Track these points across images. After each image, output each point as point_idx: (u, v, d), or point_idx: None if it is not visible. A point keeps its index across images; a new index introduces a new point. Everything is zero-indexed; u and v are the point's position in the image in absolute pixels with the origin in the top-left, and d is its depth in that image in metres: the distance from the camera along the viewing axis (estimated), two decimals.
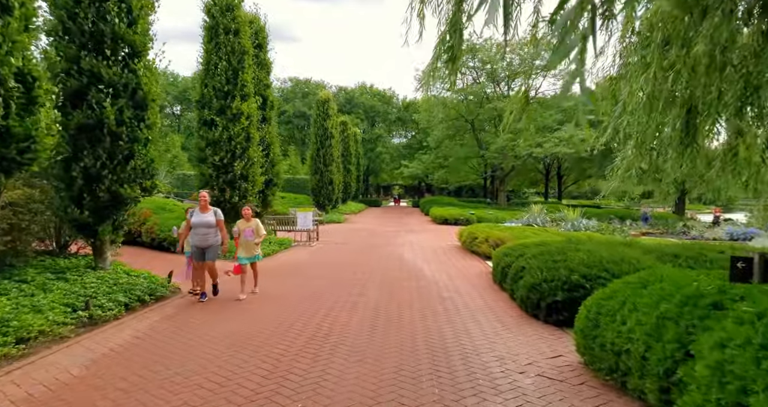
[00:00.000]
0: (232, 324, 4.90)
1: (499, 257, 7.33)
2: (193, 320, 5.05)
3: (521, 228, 11.72)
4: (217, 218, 5.88)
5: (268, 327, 4.81)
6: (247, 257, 6.27)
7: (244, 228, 6.29)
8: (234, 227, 6.32)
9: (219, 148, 9.92)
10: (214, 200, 9.97)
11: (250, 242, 6.25)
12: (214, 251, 5.88)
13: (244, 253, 6.26)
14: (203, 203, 5.82)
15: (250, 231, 6.26)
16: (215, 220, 5.84)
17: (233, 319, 5.13)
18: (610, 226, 16.15)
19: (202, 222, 5.75)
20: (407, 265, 9.33)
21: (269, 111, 12.38)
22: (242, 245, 6.27)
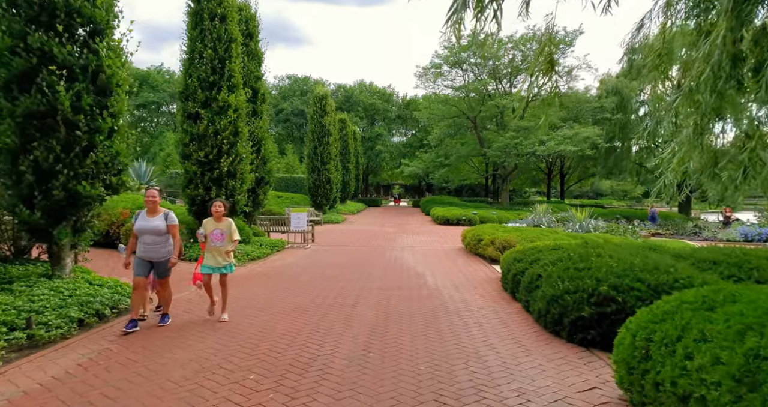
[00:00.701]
0: (198, 347, 4.16)
1: (509, 263, 6.61)
2: (155, 341, 4.32)
3: (529, 229, 10.99)
4: (169, 222, 4.66)
5: (241, 349, 4.08)
6: (212, 267, 4.95)
7: (212, 230, 4.97)
8: (199, 229, 5.00)
9: (204, 143, 9.19)
10: (199, 199, 9.26)
11: (220, 248, 4.96)
12: (165, 266, 4.71)
13: (211, 261, 4.96)
14: (151, 205, 4.61)
15: (220, 234, 4.97)
16: (165, 225, 4.63)
17: (202, 340, 4.40)
18: (620, 226, 15.40)
19: (148, 228, 4.56)
20: (408, 271, 8.60)
21: (260, 104, 11.65)
22: (209, 251, 4.98)
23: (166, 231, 4.66)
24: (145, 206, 4.67)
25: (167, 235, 4.68)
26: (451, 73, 34.06)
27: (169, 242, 4.71)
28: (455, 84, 34.27)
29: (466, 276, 8.03)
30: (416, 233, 16.86)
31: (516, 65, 33.28)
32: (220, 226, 5.03)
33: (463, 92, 33.68)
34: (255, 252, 9.80)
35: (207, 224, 5.06)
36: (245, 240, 10.67)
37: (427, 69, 33.33)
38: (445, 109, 34.05)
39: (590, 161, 37.09)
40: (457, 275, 8.16)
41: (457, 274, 8.24)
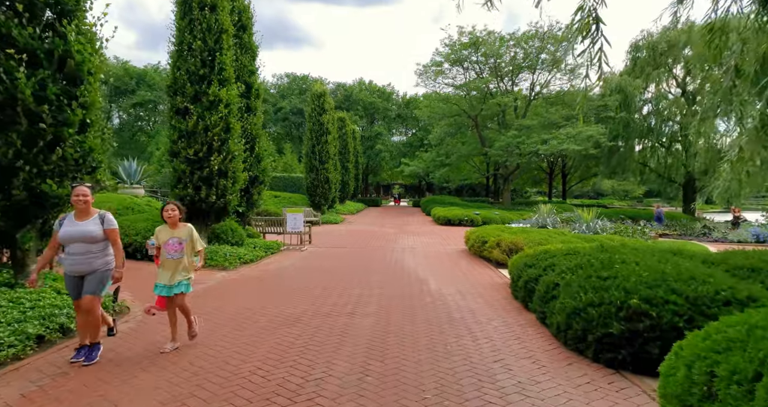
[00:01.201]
0: (170, 371, 3.65)
1: (520, 268, 6.09)
2: (119, 365, 3.80)
3: (535, 231, 10.47)
4: (107, 226, 3.72)
5: (220, 372, 3.56)
6: (166, 286, 3.97)
7: (166, 240, 4.01)
8: (149, 240, 4.09)
9: (193, 140, 8.67)
10: (188, 200, 8.75)
11: (178, 261, 3.98)
12: (98, 280, 3.68)
13: (164, 278, 3.98)
14: (82, 205, 3.64)
15: (177, 244, 3.99)
16: (101, 230, 3.69)
17: (175, 361, 3.88)
18: (628, 227, 14.88)
19: (77, 234, 3.60)
20: (409, 275, 8.08)
21: (254, 100, 11.13)
22: (164, 265, 4.01)
23: (103, 238, 3.71)
24: (74, 208, 3.71)
25: (104, 243, 3.75)
26: (452, 71, 33.56)
27: (107, 252, 3.77)
28: (456, 82, 33.76)
29: (471, 282, 7.51)
30: (417, 234, 16.35)
31: (518, 63, 32.76)
32: (176, 234, 4.05)
33: (464, 91, 33.16)
34: (248, 255, 9.28)
35: (160, 232, 4.09)
36: (238, 242, 10.16)
37: (427, 67, 32.82)
38: (446, 107, 33.53)
39: (592, 161, 36.59)
40: (461, 280, 7.65)
41: (461, 279, 7.73)
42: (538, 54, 31.62)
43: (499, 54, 31.72)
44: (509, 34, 32.04)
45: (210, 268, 8.26)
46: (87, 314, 3.64)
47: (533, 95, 34.06)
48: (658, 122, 31.33)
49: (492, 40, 31.53)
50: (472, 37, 31.02)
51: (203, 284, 6.88)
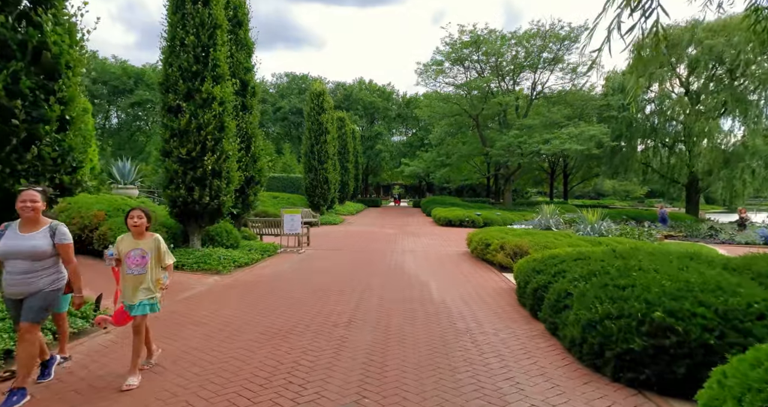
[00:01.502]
0: (146, 389, 3.33)
1: (527, 274, 5.77)
2: (79, 392, 3.48)
3: (540, 233, 10.15)
4: (58, 240, 3.12)
5: (199, 394, 3.24)
6: (128, 304, 3.45)
7: (128, 251, 3.41)
8: (109, 250, 3.43)
9: (186, 139, 8.36)
10: (180, 201, 8.43)
11: (140, 278, 3.40)
12: (40, 305, 3.02)
13: (127, 296, 3.44)
14: (29, 213, 3.02)
15: (141, 257, 3.40)
16: (50, 245, 3.09)
17: (153, 377, 3.56)
18: (634, 229, 14.56)
19: (19, 249, 3.01)
20: (409, 280, 7.76)
21: (250, 98, 10.81)
22: (125, 281, 3.44)
23: (52, 254, 3.12)
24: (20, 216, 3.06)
25: (53, 259, 3.14)
26: (452, 71, 33.25)
27: (56, 269, 3.18)
28: (457, 81, 33.46)
29: (475, 287, 7.19)
30: (417, 235, 16.03)
31: (519, 62, 32.43)
32: (141, 245, 3.43)
33: (464, 90, 32.84)
34: (242, 258, 8.96)
35: (122, 242, 3.46)
36: (233, 245, 9.84)
37: (428, 66, 32.50)
38: (447, 106, 33.21)
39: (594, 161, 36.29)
40: (464, 285, 7.32)
41: (464, 284, 7.40)
42: (539, 53, 31.29)
43: (501, 53, 31.40)
44: (511, 33, 31.74)
45: (202, 272, 7.94)
46: (22, 341, 2.95)
47: (535, 95, 33.74)
48: (662, 121, 31.01)
49: (493, 38, 31.22)
50: (473, 35, 30.71)
51: (192, 290, 6.55)
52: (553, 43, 30.68)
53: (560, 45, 30.76)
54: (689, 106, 29.34)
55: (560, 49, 31.00)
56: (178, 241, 8.95)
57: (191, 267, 8.06)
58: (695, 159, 28.91)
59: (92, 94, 40.24)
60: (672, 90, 32.23)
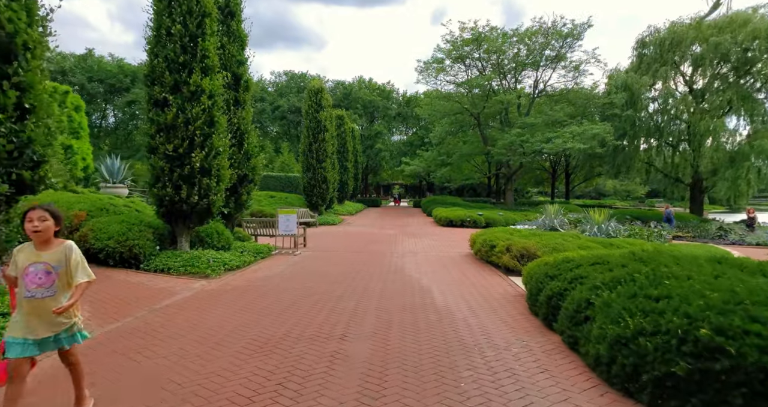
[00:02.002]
0: None
1: (539, 279, 5.28)
2: None
3: (547, 234, 9.65)
4: None
5: None
6: (27, 341, 2.45)
7: (27, 265, 2.50)
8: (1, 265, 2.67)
9: (173, 134, 7.86)
10: (167, 200, 7.94)
11: (44, 303, 2.48)
12: None
13: (25, 327, 2.47)
14: None
15: (45, 274, 2.50)
16: None
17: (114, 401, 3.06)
18: (643, 229, 14.06)
19: None
20: (411, 284, 7.26)
21: (243, 93, 10.32)
22: (22, 308, 2.49)
23: None
24: None
25: None
26: (453, 69, 32.73)
27: None
28: (458, 79, 32.93)
29: (481, 292, 6.69)
30: (418, 236, 15.53)
31: (521, 60, 31.92)
32: (45, 257, 2.52)
33: (465, 88, 32.33)
34: (234, 261, 8.46)
35: (20, 253, 2.53)
36: (224, 246, 9.35)
37: (428, 64, 31.99)
38: (448, 105, 32.71)
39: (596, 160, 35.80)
40: (469, 290, 6.83)
41: (469, 289, 6.91)
42: (542, 50, 30.78)
43: (502, 50, 30.88)
44: (512, 30, 31.24)
45: (189, 276, 7.44)
46: None
47: (537, 93, 33.24)
48: (666, 120, 30.48)
49: (494, 36, 30.71)
50: (474, 33, 30.20)
51: (175, 297, 6.06)
52: (556, 41, 30.19)
53: (563, 42, 30.27)
54: (694, 104, 28.85)
55: (563, 46, 30.51)
56: (165, 243, 8.45)
57: (177, 271, 7.56)
58: (700, 158, 28.42)
59: (88, 92, 39.75)
60: (676, 88, 31.75)
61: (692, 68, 30.32)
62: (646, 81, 29.75)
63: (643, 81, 29.65)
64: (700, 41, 28.86)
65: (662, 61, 30.09)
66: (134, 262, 7.70)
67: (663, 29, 31.04)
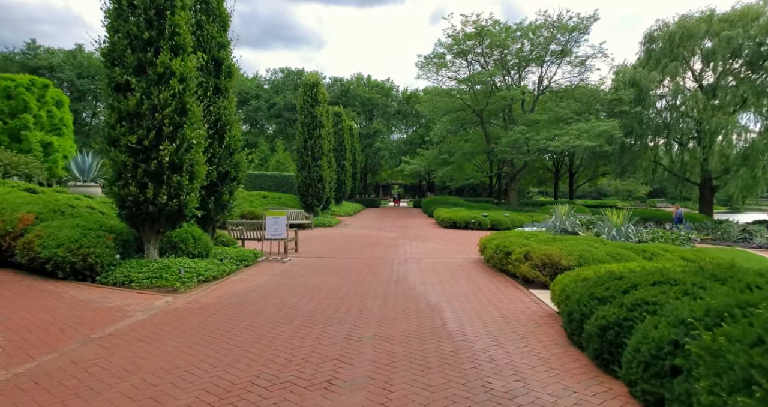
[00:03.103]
0: None
1: (583, 301, 4.15)
2: None
3: (571, 239, 8.51)
4: None
5: None
6: None
7: None
8: None
9: (137, 124, 6.72)
10: (130, 200, 6.80)
11: None
12: None
13: None
14: None
15: None
16: None
17: None
18: (666, 232, 12.93)
19: None
20: (415, 300, 6.12)
21: (225, 79, 9.17)
22: None
23: None
24: None
25: None
26: (455, 64, 31.59)
27: None
28: (459, 76, 31.79)
29: (501, 311, 5.56)
30: (421, 238, 14.39)
31: (524, 56, 30.80)
32: None
33: (467, 85, 31.19)
34: (210, 271, 7.32)
35: None
36: (202, 253, 8.21)
37: (429, 59, 30.86)
38: (449, 101, 31.59)
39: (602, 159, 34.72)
40: (486, 308, 5.69)
41: (486, 306, 5.77)
42: (546, 45, 29.66)
43: (506, 45, 29.75)
44: (516, 25, 30.13)
45: (154, 290, 6.30)
46: None
47: (541, 90, 32.12)
48: (675, 117, 29.37)
49: (497, 30, 29.59)
50: (476, 26, 29.07)
51: (126, 320, 4.90)
52: (561, 35, 29.06)
53: (568, 36, 29.15)
54: (705, 101, 27.75)
55: (568, 41, 29.39)
56: (130, 250, 7.30)
57: (141, 284, 6.41)
58: (711, 156, 27.36)
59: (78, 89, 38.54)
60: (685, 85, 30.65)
61: (703, 64, 29.23)
62: (655, 77, 28.65)
63: (652, 77, 28.55)
64: (711, 36, 27.79)
65: (672, 56, 29.00)
66: (90, 274, 6.55)
67: (672, 23, 29.97)
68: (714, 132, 26.69)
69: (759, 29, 26.00)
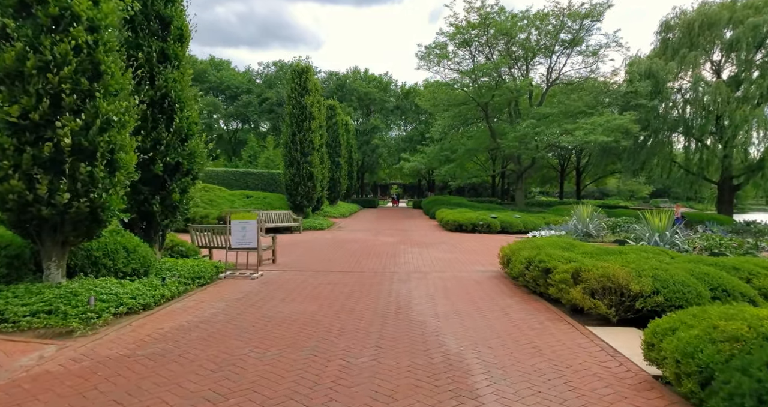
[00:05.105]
0: None
1: (754, 389, 2.06)
2: None
3: (632, 252, 6.41)
4: None
5: None
6: None
7: None
8: None
9: (20, 88, 4.65)
10: (12, 200, 4.73)
11: None
12: None
13: None
14: None
15: None
16: None
17: None
18: (724, 238, 10.85)
19: None
20: (426, 348, 4.06)
21: (175, 44, 7.08)
22: None
23: None
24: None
25: None
26: (457, 55, 29.50)
27: None
28: (462, 67, 29.71)
29: (562, 373, 3.51)
30: (424, 245, 12.33)
31: (531, 46, 28.75)
32: None
33: (471, 77, 29.11)
34: (141, 297, 5.26)
35: None
36: (137, 271, 6.13)
37: (430, 48, 28.78)
38: (452, 93, 29.50)
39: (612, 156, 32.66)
40: (539, 367, 3.64)
41: (538, 365, 3.71)
42: (556, 34, 27.62)
43: (512, 34, 27.70)
44: (522, 12, 28.10)
45: (39, 333, 4.24)
46: None
47: (551, 81, 30.06)
48: (695, 111, 27.30)
49: (503, 19, 27.54)
50: (481, 14, 27.02)
51: None
52: (572, 22, 27.02)
53: (579, 24, 27.11)
54: (729, 93, 25.73)
55: (580, 28, 27.34)
56: (23, 270, 5.24)
57: (19, 325, 4.34)
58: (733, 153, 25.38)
59: None
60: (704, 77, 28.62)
61: (724, 54, 27.22)
62: (673, 68, 26.62)
63: (670, 67, 26.52)
64: (735, 23, 25.79)
65: (691, 45, 26.98)
66: None
67: (690, 11, 27.97)
68: (738, 126, 24.69)
69: None
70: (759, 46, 25.36)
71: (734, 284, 4.86)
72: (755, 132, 24.99)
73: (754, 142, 26.04)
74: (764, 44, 25.43)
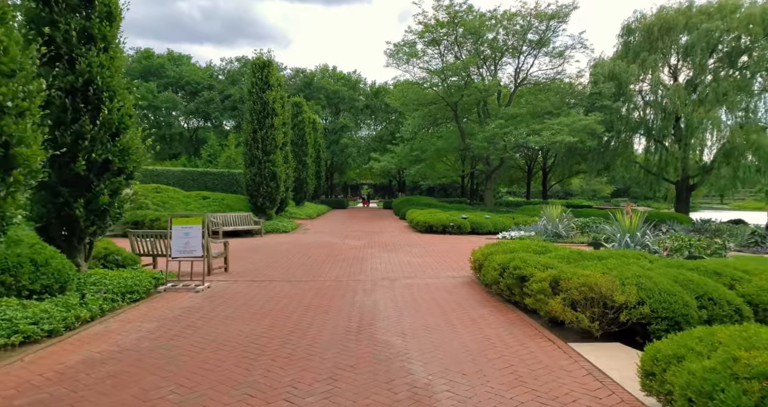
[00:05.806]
0: None
1: None
2: None
3: (611, 257, 6.00)
4: None
5: None
6: None
7: None
8: None
9: None
10: None
11: None
12: None
13: None
14: None
15: None
16: None
17: None
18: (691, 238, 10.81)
19: None
20: (389, 378, 3.41)
21: (101, 23, 6.11)
22: None
23: None
24: None
25: None
26: (426, 54, 29.15)
27: None
28: (432, 66, 29.40)
29: (543, 402, 2.94)
30: (393, 248, 11.71)
31: (499, 46, 28.79)
32: None
33: (440, 76, 28.83)
34: (46, 321, 4.35)
35: None
36: (48, 288, 5.15)
37: (399, 46, 28.28)
38: (421, 93, 29.14)
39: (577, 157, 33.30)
40: (514, 395, 3.06)
41: (513, 392, 3.14)
42: (524, 34, 27.78)
43: (480, 33, 27.62)
44: (490, 12, 28.09)
45: None
46: None
47: (518, 82, 30.25)
48: (655, 113, 28.15)
49: (472, 18, 27.41)
50: (449, 12, 26.77)
51: None
52: (539, 22, 27.23)
53: (546, 24, 27.37)
54: (686, 95, 26.68)
55: (546, 29, 27.60)
56: None
57: None
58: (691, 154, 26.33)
59: None
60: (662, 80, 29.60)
61: (681, 57, 28.23)
62: (635, 70, 27.34)
63: (632, 70, 27.21)
64: (690, 28, 26.77)
65: (650, 49, 27.81)
66: None
67: (650, 15, 28.86)
68: (695, 128, 25.62)
69: (739, 22, 25.11)
70: (712, 51, 26.42)
71: (720, 293, 4.50)
72: (709, 134, 26.00)
73: (707, 143, 27.14)
74: (716, 49, 26.54)
